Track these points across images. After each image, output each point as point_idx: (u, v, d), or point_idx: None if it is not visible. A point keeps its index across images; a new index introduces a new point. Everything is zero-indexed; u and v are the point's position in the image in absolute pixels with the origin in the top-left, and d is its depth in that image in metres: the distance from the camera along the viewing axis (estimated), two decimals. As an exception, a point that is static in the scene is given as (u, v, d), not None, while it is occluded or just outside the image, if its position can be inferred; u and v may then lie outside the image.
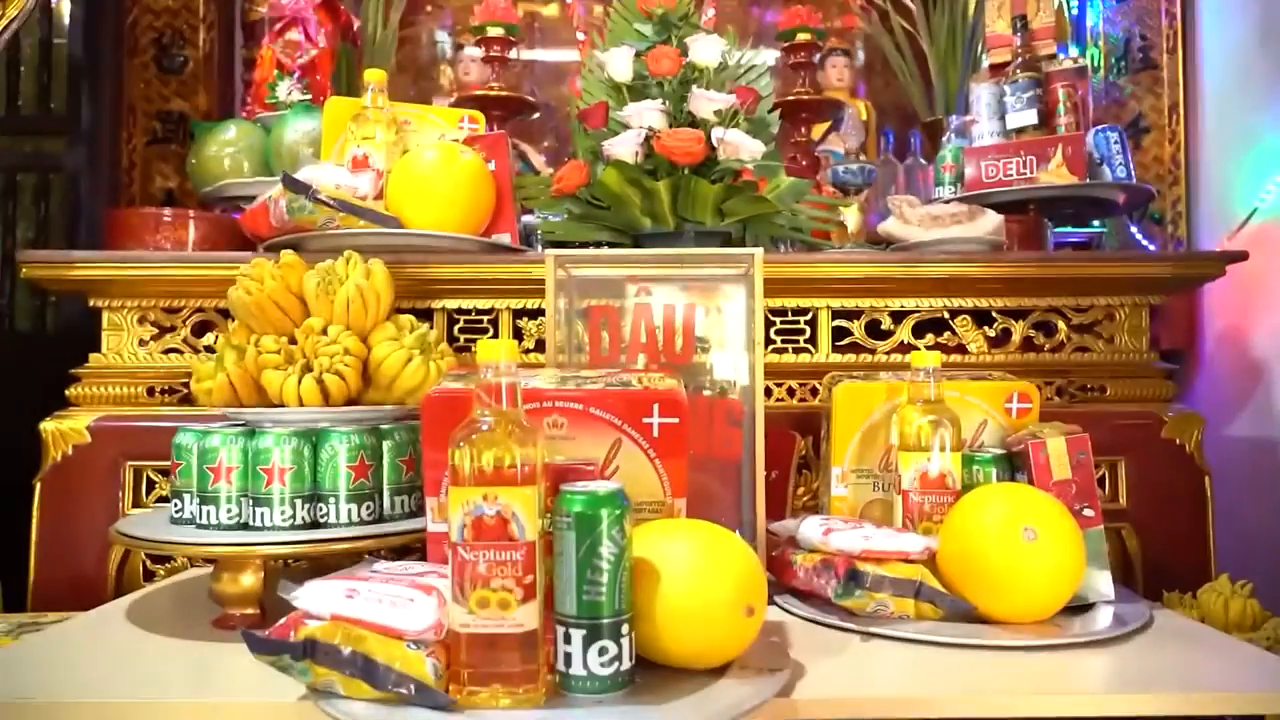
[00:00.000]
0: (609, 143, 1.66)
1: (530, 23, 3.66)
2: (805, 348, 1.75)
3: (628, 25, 1.92)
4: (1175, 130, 2.72)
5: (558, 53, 3.59)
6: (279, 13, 2.02)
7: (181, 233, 1.75)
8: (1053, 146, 1.93)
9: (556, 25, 3.63)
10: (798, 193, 1.76)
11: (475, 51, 3.45)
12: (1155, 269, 1.72)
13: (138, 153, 2.76)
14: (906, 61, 2.53)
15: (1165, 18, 2.74)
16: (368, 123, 1.70)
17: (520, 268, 1.66)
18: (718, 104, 1.68)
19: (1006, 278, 1.70)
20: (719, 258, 1.54)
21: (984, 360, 1.75)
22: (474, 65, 3.46)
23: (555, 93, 3.62)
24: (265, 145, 1.95)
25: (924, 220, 1.71)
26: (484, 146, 1.73)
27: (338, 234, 1.54)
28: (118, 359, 1.71)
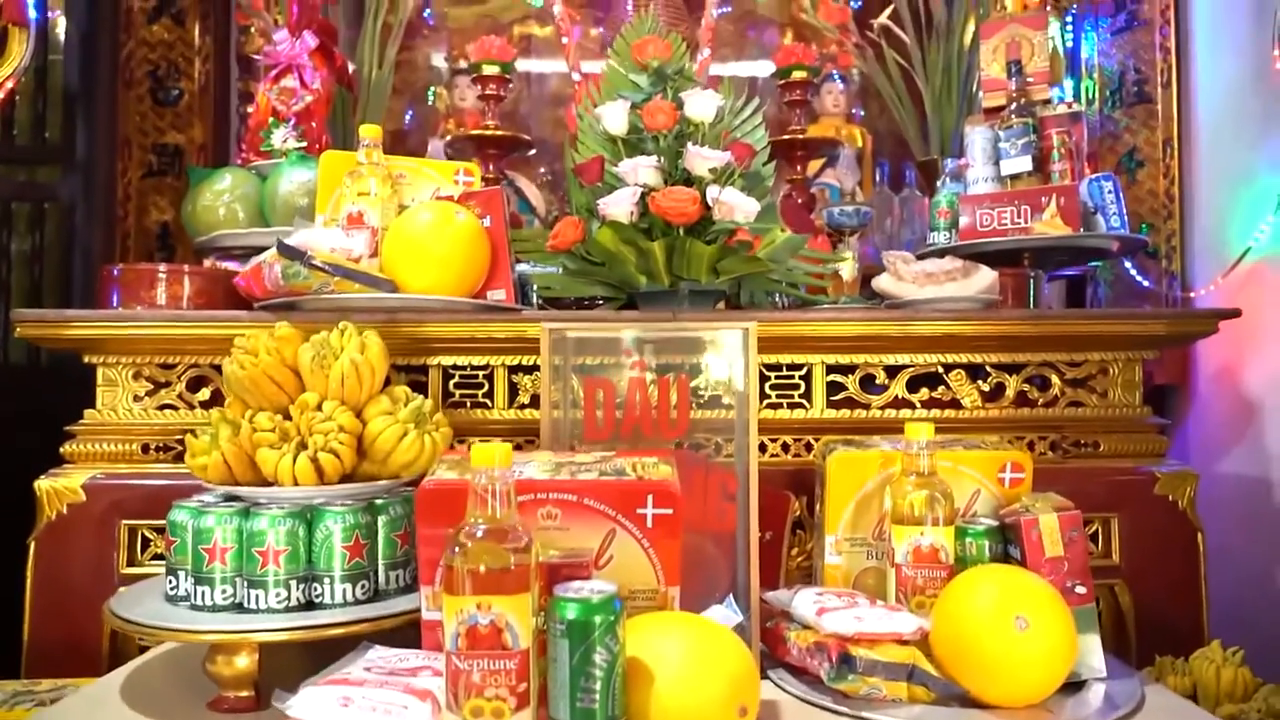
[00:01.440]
0: (604, 201, 1.66)
1: (525, 45, 3.66)
2: (800, 403, 1.75)
3: (623, 75, 1.92)
4: (1170, 165, 2.73)
5: (552, 62, 3.59)
6: (274, 59, 2.02)
7: (176, 287, 1.75)
8: (1046, 196, 1.94)
9: (552, 45, 3.63)
10: (792, 248, 1.76)
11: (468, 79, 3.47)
12: (1148, 327, 1.73)
13: (133, 185, 2.76)
14: (901, 98, 2.53)
15: (1160, 52, 2.75)
16: (362, 178, 1.70)
17: (515, 326, 1.67)
18: (713, 162, 1.69)
19: (1001, 335, 1.71)
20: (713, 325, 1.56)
21: (978, 415, 1.75)
22: (470, 91, 3.46)
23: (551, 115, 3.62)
24: (260, 193, 1.95)
25: (918, 277, 1.71)
26: (479, 202, 1.74)
27: (333, 298, 1.54)
28: (112, 415, 1.71)
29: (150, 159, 2.76)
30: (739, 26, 3.68)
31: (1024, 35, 2.18)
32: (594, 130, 1.86)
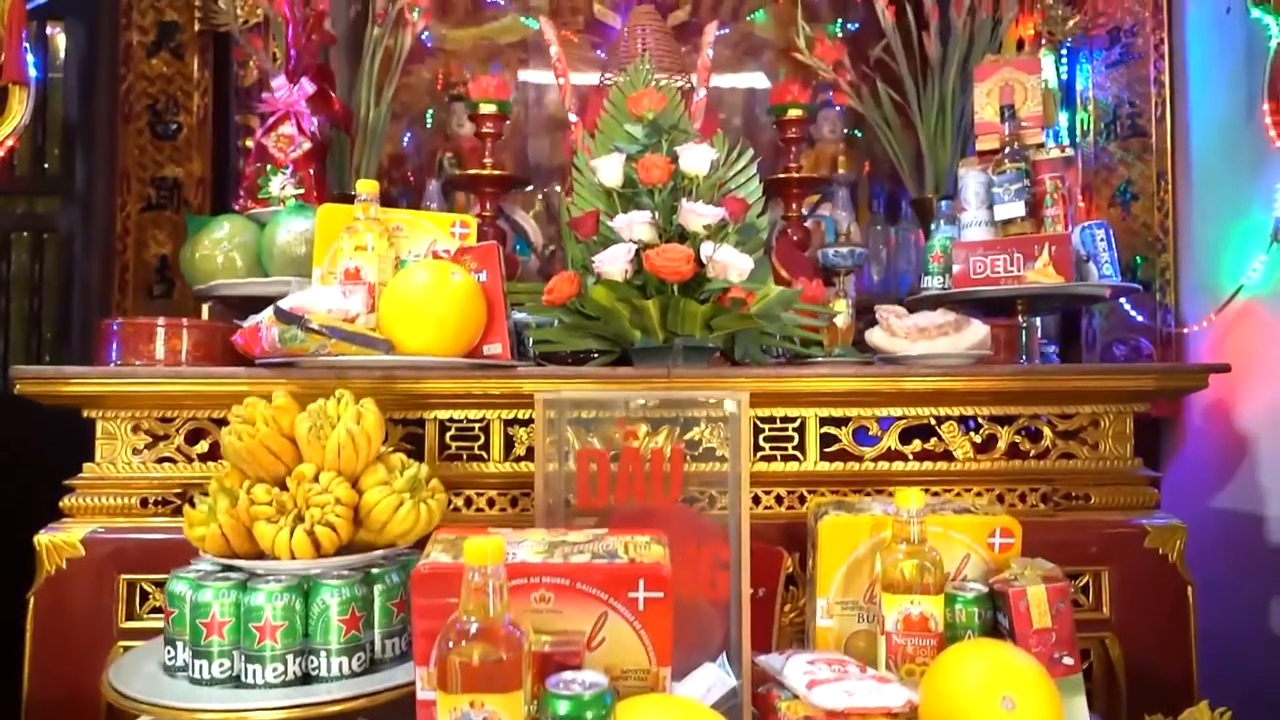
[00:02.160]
0: (599, 259, 1.68)
1: (524, 57, 3.66)
2: (793, 455, 1.77)
3: (618, 125, 1.93)
4: (1164, 198, 2.75)
5: (547, 74, 3.59)
6: (272, 107, 2.03)
7: (175, 341, 1.76)
8: (1039, 245, 1.95)
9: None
10: (785, 301, 1.77)
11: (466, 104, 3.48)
12: (1138, 382, 1.74)
13: (132, 219, 2.77)
14: (896, 135, 2.54)
15: (1154, 86, 2.76)
16: (359, 234, 1.71)
17: (511, 383, 1.68)
18: (707, 218, 1.70)
19: (992, 391, 1.72)
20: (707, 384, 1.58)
21: (970, 468, 1.77)
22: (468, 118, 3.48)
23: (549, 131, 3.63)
24: (258, 241, 1.97)
25: (910, 332, 1.72)
26: (474, 257, 1.75)
27: (330, 360, 1.55)
28: (111, 469, 1.73)
29: (149, 192, 2.77)
30: (736, 51, 3.70)
31: (1017, 79, 2.20)
32: (590, 181, 1.87)
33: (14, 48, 1.66)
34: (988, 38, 2.43)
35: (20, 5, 1.67)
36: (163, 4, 2.79)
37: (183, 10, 2.78)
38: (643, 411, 1.60)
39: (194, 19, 2.77)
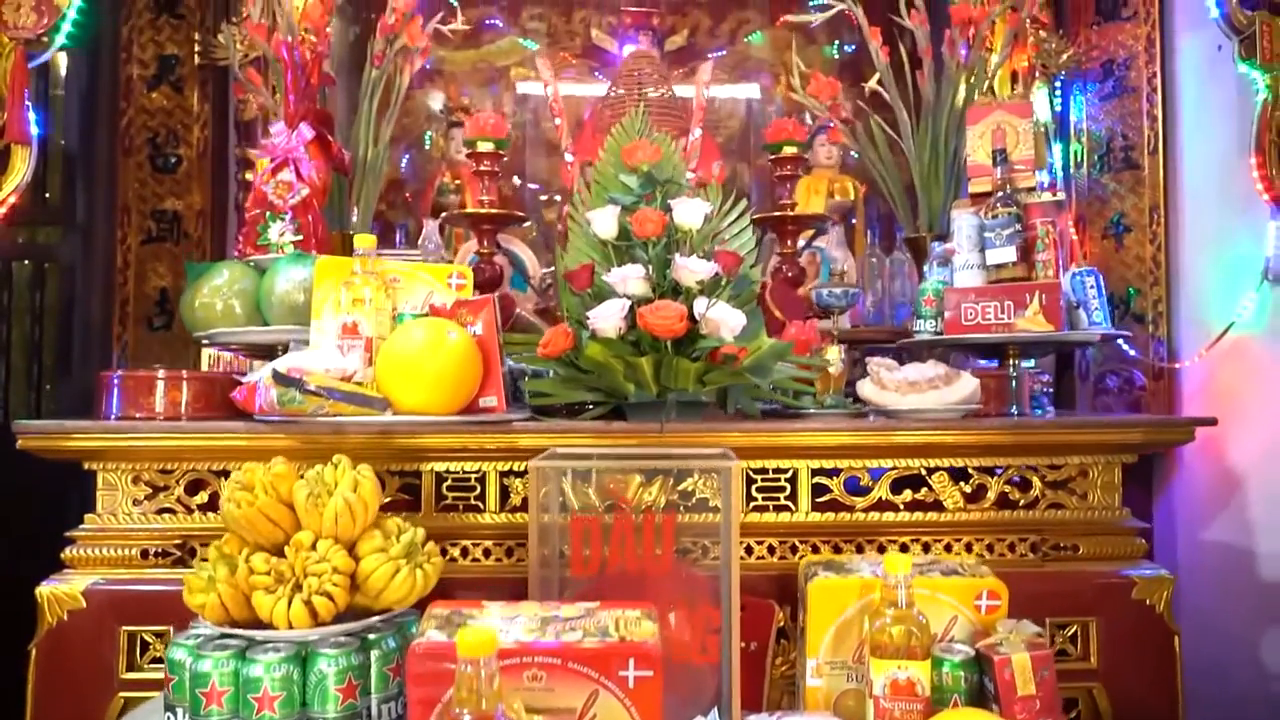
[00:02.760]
0: (593, 315, 1.70)
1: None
2: (785, 505, 1.79)
3: (613, 175, 1.95)
4: (1156, 231, 2.77)
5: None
6: (271, 153, 2.05)
7: (175, 393, 1.79)
8: (1030, 294, 1.97)
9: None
10: (778, 354, 1.79)
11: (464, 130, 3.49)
12: (1126, 435, 1.76)
13: (132, 251, 2.80)
14: (888, 169, 2.55)
15: (1147, 119, 2.78)
16: (356, 288, 1.73)
17: (506, 438, 1.71)
18: (700, 274, 1.72)
19: (981, 444, 1.75)
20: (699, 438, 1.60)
21: (960, 519, 1.79)
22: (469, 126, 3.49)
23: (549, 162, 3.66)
24: (258, 287, 1.98)
25: (901, 386, 1.75)
26: (471, 310, 1.77)
27: (328, 420, 1.58)
28: (112, 520, 1.75)
29: (149, 225, 2.80)
30: (734, 75, 3.73)
31: (1009, 122, 2.22)
32: (585, 232, 1.90)
33: (16, 107, 1.68)
34: (982, 75, 2.45)
35: (22, 65, 1.69)
36: (163, 38, 2.82)
37: (183, 44, 2.82)
38: (636, 464, 1.63)
39: (194, 53, 2.80)
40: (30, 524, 2.11)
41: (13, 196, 1.75)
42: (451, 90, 3.70)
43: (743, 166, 3.65)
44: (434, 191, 3.51)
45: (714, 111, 3.65)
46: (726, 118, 3.71)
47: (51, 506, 2.04)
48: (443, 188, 3.48)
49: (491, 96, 3.75)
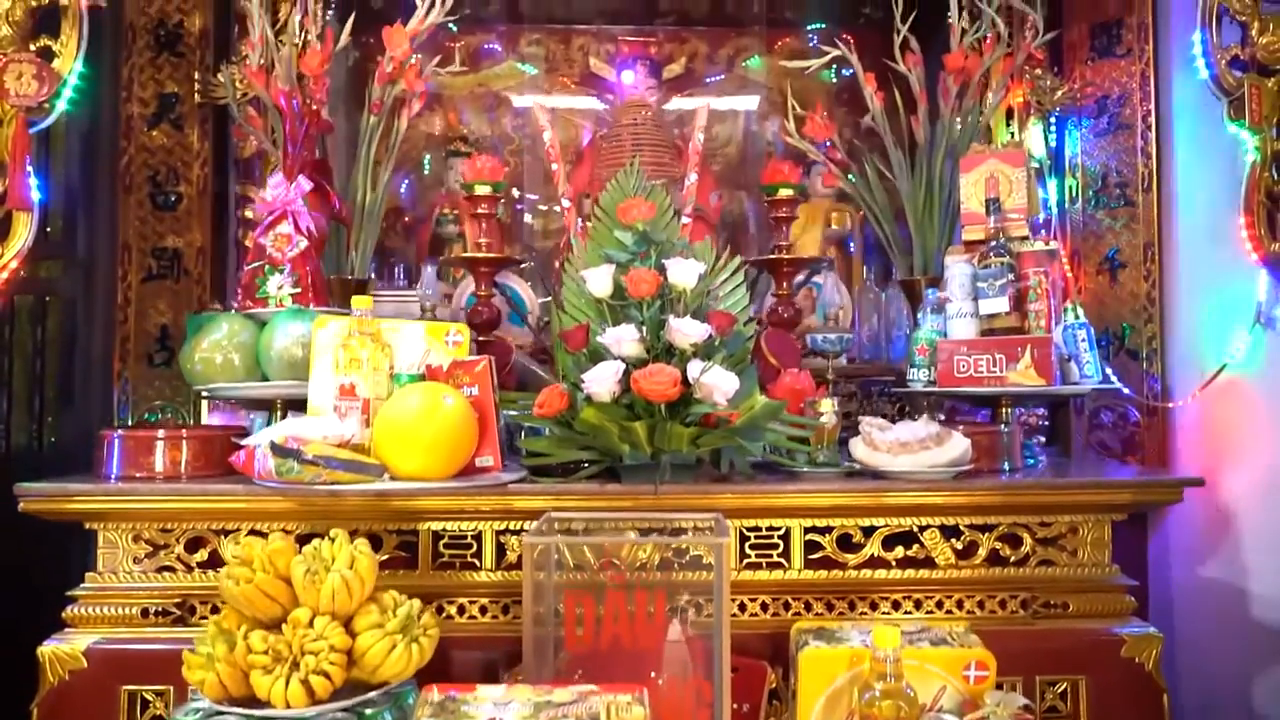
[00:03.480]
0: (588, 379, 1.72)
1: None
2: (778, 562, 1.81)
3: (608, 231, 1.97)
4: (1150, 268, 2.78)
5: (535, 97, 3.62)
6: (269, 207, 2.06)
7: (175, 453, 1.81)
8: (1022, 348, 1.99)
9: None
10: (771, 414, 1.81)
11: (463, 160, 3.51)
12: (1116, 496, 1.79)
13: (133, 289, 2.81)
14: (882, 210, 2.57)
15: (1141, 156, 2.79)
16: (353, 350, 1.75)
17: (501, 500, 1.73)
18: (694, 337, 1.74)
19: (973, 505, 1.77)
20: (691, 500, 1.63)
21: (951, 576, 1.81)
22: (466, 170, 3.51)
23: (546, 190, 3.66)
24: (256, 340, 2.00)
25: (893, 447, 1.76)
26: (467, 371, 1.79)
27: (326, 488, 1.60)
28: (113, 578, 1.78)
29: (150, 263, 2.81)
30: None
31: (1002, 171, 2.24)
32: (580, 289, 1.91)
33: (18, 174, 1.70)
34: (976, 121, 2.46)
35: (24, 132, 1.71)
36: (163, 76, 2.83)
37: (183, 82, 2.83)
38: (631, 526, 1.65)
39: (194, 91, 2.81)
40: (34, 571, 2.14)
41: (14, 262, 1.77)
42: (450, 116, 3.71)
43: (740, 194, 3.66)
44: (433, 222, 3.54)
45: (711, 140, 3.67)
46: (723, 145, 3.72)
47: (55, 554, 2.07)
48: (442, 218, 3.50)
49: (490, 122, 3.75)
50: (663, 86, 3.62)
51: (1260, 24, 1.91)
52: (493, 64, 3.76)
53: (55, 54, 1.85)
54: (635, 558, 1.68)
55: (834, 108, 3.62)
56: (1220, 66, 1.99)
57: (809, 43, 3.75)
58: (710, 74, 3.74)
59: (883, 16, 3.07)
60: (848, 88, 3.68)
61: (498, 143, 3.70)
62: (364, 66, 3.53)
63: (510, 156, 3.68)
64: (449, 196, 3.49)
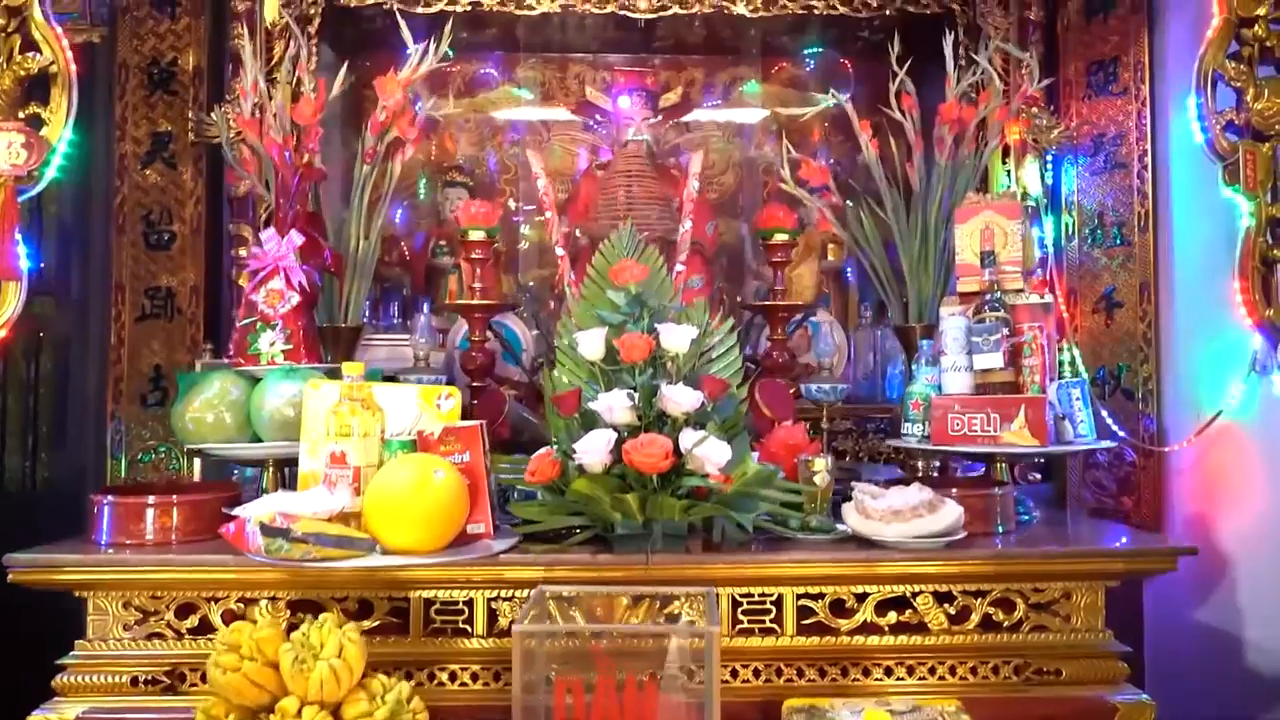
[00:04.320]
0: (580, 449, 1.71)
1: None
2: (771, 628, 1.80)
3: (601, 291, 1.97)
4: (1146, 309, 2.78)
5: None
6: (261, 262, 2.06)
7: (165, 519, 1.81)
8: (1016, 407, 1.98)
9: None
10: (764, 480, 1.81)
11: (459, 190, 3.51)
12: (1108, 565, 1.79)
13: (126, 329, 2.80)
14: (875, 253, 2.56)
15: (1137, 196, 2.79)
16: (344, 417, 1.75)
17: (492, 571, 1.72)
18: (686, 406, 1.74)
19: (965, 574, 1.76)
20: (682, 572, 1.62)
21: (944, 642, 1.81)
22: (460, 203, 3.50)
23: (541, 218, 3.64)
24: (248, 397, 2.00)
25: (885, 515, 1.76)
26: (458, 438, 1.79)
27: (316, 565, 1.59)
28: (103, 646, 1.77)
29: (144, 302, 2.80)
30: (727, 130, 3.73)
31: (997, 223, 2.23)
32: (573, 353, 1.91)
33: (6, 243, 1.70)
34: (972, 169, 2.45)
35: (12, 201, 1.70)
36: (156, 114, 2.83)
37: (176, 120, 2.82)
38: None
39: (187, 129, 2.80)
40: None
41: (3, 330, 1.76)
42: (446, 140, 3.70)
43: (737, 223, 3.65)
44: (429, 253, 3.53)
45: (708, 168, 3.65)
46: (720, 173, 3.71)
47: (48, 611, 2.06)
48: (438, 249, 3.49)
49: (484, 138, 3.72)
50: (659, 115, 3.61)
51: (1255, 90, 1.90)
52: (488, 90, 3.75)
53: (44, 121, 1.85)
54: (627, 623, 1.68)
55: (831, 134, 3.62)
56: (1215, 131, 1.99)
57: (806, 68, 3.74)
58: (707, 101, 3.73)
59: (881, 39, 3.07)
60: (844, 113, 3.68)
61: (494, 171, 3.69)
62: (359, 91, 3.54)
63: (505, 185, 3.68)
64: (445, 228, 3.48)
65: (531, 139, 3.68)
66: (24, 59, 1.75)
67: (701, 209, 3.15)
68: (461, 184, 3.50)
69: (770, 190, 3.48)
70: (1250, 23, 1.93)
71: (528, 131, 3.68)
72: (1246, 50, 1.96)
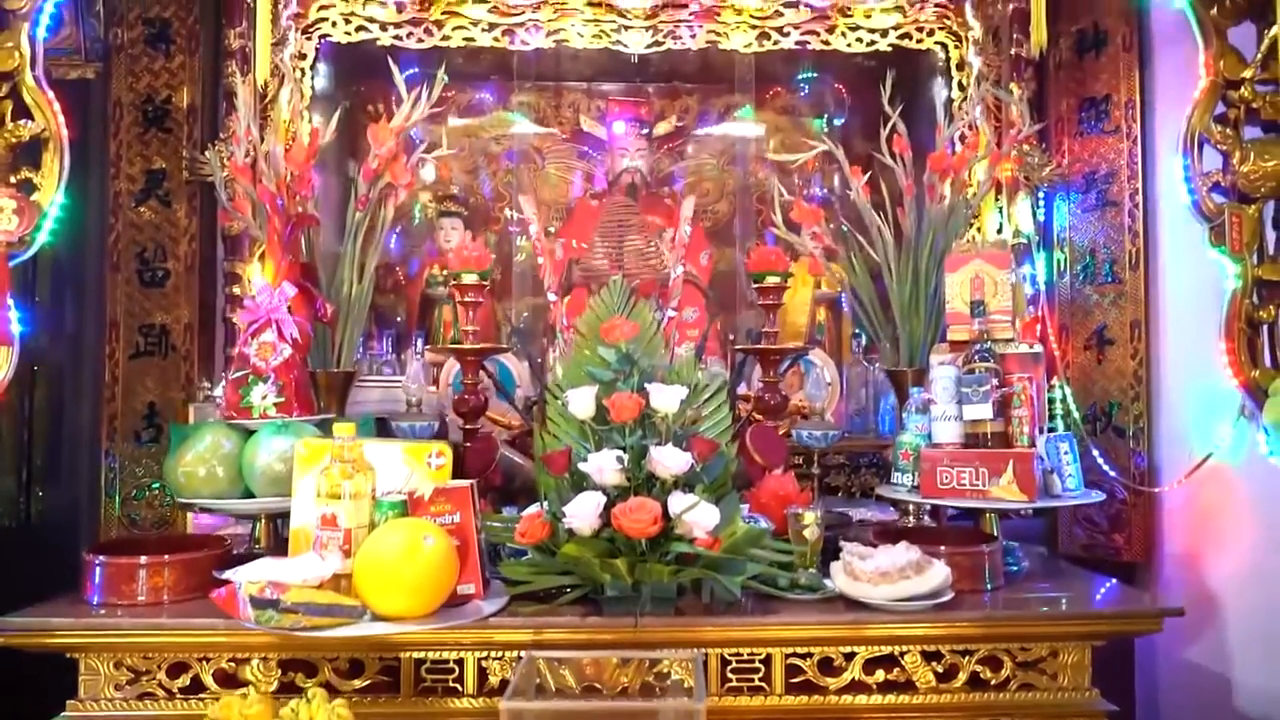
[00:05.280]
0: (569, 512, 1.72)
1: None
2: (759, 686, 1.81)
3: (592, 349, 1.97)
4: (1138, 347, 2.79)
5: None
6: (254, 315, 2.07)
7: (157, 579, 1.81)
8: (1004, 462, 1.99)
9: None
10: (753, 540, 1.82)
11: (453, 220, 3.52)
12: (1094, 626, 1.80)
13: (120, 366, 2.80)
14: (868, 296, 2.57)
15: (1129, 234, 2.80)
16: (334, 479, 1.75)
17: (482, 634, 1.73)
18: (675, 469, 1.75)
19: (952, 635, 1.78)
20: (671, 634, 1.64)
21: (931, 701, 1.82)
22: (454, 233, 3.52)
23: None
24: (240, 450, 2.01)
25: (873, 577, 1.77)
26: (449, 499, 1.80)
27: (306, 635, 1.60)
28: (94, 706, 1.78)
29: (138, 339, 2.81)
30: (722, 158, 3.74)
31: (987, 272, 2.24)
32: (563, 412, 1.92)
33: (-1, 309, 1.70)
34: (963, 214, 2.46)
35: (3, 267, 1.71)
36: (150, 152, 2.83)
37: (170, 158, 2.83)
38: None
39: (182, 166, 2.81)
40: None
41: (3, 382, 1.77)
42: (441, 165, 3.70)
43: (731, 251, 3.66)
44: (423, 283, 3.54)
45: (702, 196, 3.67)
46: (714, 202, 3.72)
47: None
48: (432, 280, 3.51)
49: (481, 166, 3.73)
50: (654, 144, 3.63)
51: (1241, 153, 1.91)
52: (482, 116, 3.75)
53: (36, 186, 1.85)
54: (617, 683, 1.69)
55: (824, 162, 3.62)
56: (1201, 192, 2.00)
57: (800, 93, 3.76)
58: (701, 127, 3.74)
59: (875, 65, 3.08)
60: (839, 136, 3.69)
61: (489, 197, 3.70)
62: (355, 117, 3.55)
63: (499, 212, 3.69)
64: (439, 257, 3.49)
65: (526, 167, 3.69)
66: (16, 127, 1.76)
67: (696, 239, 3.17)
68: (456, 213, 3.51)
69: (764, 220, 3.49)
70: (1237, 84, 1.94)
71: (522, 159, 3.69)
72: (1233, 112, 1.96)
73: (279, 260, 2.13)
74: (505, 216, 3.65)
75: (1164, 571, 2.73)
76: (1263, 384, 1.92)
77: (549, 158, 3.73)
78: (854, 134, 3.63)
